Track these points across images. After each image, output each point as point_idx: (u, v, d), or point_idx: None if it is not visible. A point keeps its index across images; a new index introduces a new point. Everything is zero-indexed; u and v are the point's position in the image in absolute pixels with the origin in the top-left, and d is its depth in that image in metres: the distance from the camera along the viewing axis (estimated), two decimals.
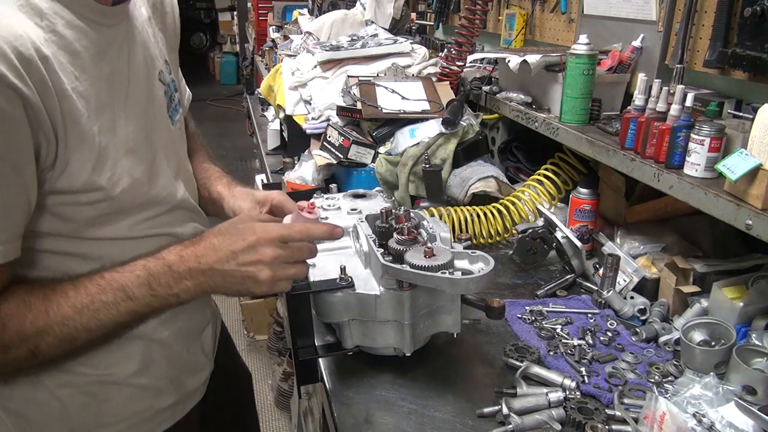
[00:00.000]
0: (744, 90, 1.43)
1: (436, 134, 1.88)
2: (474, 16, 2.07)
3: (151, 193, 0.99)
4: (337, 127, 2.00)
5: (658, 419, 0.97)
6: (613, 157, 1.42)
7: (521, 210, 1.72)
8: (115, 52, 0.92)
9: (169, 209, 1.04)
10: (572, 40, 1.96)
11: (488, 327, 1.35)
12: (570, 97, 1.59)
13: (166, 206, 1.03)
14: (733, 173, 1.09)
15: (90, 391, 0.99)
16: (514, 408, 1.06)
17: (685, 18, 1.49)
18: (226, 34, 11.10)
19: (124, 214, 0.95)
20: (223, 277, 0.90)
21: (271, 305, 3.49)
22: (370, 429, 1.04)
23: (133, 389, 1.03)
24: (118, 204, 0.93)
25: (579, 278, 1.55)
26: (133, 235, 0.98)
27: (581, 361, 1.21)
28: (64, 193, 0.86)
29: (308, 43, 2.66)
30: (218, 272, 0.90)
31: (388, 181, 1.88)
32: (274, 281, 0.91)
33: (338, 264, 1.15)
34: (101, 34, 0.89)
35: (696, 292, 1.33)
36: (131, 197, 0.95)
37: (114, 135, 0.91)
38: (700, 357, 1.16)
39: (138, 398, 1.05)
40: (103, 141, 0.88)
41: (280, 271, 0.91)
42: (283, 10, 4.62)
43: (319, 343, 1.22)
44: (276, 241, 0.91)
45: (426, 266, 1.05)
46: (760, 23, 1.25)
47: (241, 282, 0.91)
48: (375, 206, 1.36)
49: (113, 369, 1.00)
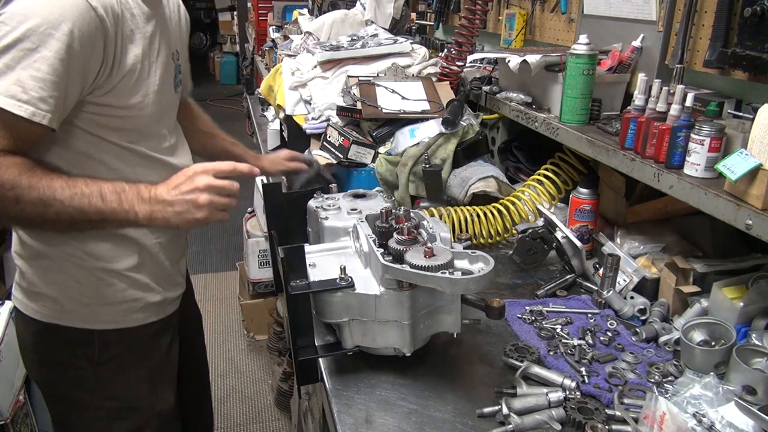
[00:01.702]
0: (744, 90, 1.43)
1: (436, 134, 1.88)
2: (474, 16, 2.07)
3: (159, 127, 1.34)
4: (337, 127, 2.00)
5: (658, 419, 0.97)
6: (613, 157, 1.42)
7: (521, 210, 1.72)
8: (154, 23, 1.29)
9: (169, 146, 1.38)
10: (572, 40, 1.96)
11: (488, 327, 1.35)
12: (570, 97, 1.59)
13: (168, 143, 1.38)
14: (733, 173, 1.09)
15: (98, 276, 1.30)
16: (514, 408, 1.06)
17: (685, 18, 1.49)
18: (226, 34, 11.10)
19: (144, 135, 1.30)
20: (171, 205, 1.14)
21: (271, 305, 3.49)
22: (370, 429, 1.05)
23: (130, 281, 1.34)
24: (140, 124, 1.27)
25: (579, 278, 1.55)
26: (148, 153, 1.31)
27: (581, 361, 1.21)
28: (106, 105, 1.20)
29: (308, 43, 2.66)
30: (167, 202, 1.14)
31: (388, 181, 1.88)
32: (211, 206, 1.14)
33: (338, 264, 1.15)
34: (149, 7, 1.28)
35: (696, 292, 1.33)
36: (148, 123, 1.30)
37: (149, 77, 1.26)
38: (700, 357, 1.16)
39: (133, 289, 1.35)
40: (141, 77, 1.24)
41: (216, 198, 1.14)
42: (283, 10, 4.62)
43: (319, 343, 1.22)
44: (209, 172, 1.15)
45: (426, 266, 1.05)
46: (760, 23, 1.25)
47: (185, 209, 1.14)
48: (375, 206, 1.36)
49: (114, 262, 1.31)
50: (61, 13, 1.07)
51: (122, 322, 1.35)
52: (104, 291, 1.32)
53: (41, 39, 1.05)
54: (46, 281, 1.30)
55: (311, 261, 1.22)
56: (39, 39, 1.05)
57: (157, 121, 1.33)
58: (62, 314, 1.31)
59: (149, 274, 1.37)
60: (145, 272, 1.36)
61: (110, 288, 1.32)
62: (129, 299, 1.35)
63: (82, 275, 1.29)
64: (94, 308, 1.32)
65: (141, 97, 1.25)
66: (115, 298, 1.33)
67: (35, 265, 1.30)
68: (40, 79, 1.06)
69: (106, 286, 1.32)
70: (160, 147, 1.35)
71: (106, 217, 1.13)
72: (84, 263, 1.29)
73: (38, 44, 1.05)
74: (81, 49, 1.09)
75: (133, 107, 1.24)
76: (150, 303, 1.39)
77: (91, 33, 1.10)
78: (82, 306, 1.31)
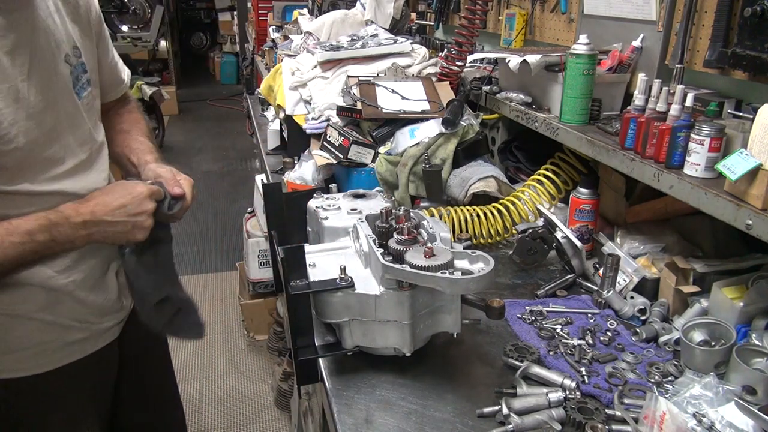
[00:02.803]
0: (744, 90, 1.43)
1: (436, 134, 1.88)
2: (474, 16, 2.07)
3: (48, 152, 1.16)
4: (337, 127, 2.00)
5: (658, 419, 0.97)
6: (613, 157, 1.42)
7: (521, 210, 1.72)
8: (14, 36, 1.07)
9: (69, 169, 1.20)
10: (572, 40, 1.96)
11: (488, 327, 1.35)
12: (570, 97, 1.59)
13: (65, 166, 1.19)
14: (733, 173, 1.09)
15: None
16: (514, 408, 1.06)
17: (685, 18, 1.49)
18: (226, 34, 11.09)
19: (24, 169, 1.12)
20: (114, 226, 1.12)
21: (271, 305, 3.50)
22: (370, 429, 1.05)
23: (38, 323, 1.20)
24: (15, 158, 1.09)
25: (579, 278, 1.55)
26: (35, 189, 1.13)
27: (581, 361, 1.21)
28: None
29: (308, 43, 2.66)
30: (109, 223, 1.12)
31: (388, 181, 1.88)
32: (150, 227, 1.16)
33: (338, 264, 1.15)
34: (3, 18, 1.05)
35: (696, 292, 1.33)
36: (27, 154, 1.11)
37: (15, 101, 1.07)
38: (700, 357, 1.16)
39: (44, 331, 1.22)
40: (1, 104, 1.04)
41: (153, 220, 1.16)
42: (283, 10, 4.62)
43: (319, 343, 1.22)
44: (153, 197, 1.17)
45: (426, 266, 1.05)
46: (760, 23, 1.25)
47: (127, 229, 1.13)
48: (375, 206, 1.36)
49: (16, 306, 1.17)
50: None
51: (34, 367, 1.23)
52: (6, 337, 1.18)
53: None
54: None
55: (311, 261, 1.22)
56: None
57: (45, 143, 1.15)
58: None
59: (65, 312, 1.24)
60: (59, 311, 1.23)
61: (14, 334, 1.19)
62: (38, 342, 1.22)
63: None
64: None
65: (6, 129, 1.06)
66: (19, 343, 1.20)
67: None
68: None
69: (7, 332, 1.18)
70: (53, 174, 1.17)
71: (47, 255, 1.09)
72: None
73: None
74: None
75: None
76: (69, 342, 1.27)
77: None
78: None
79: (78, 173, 1.22)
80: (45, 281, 1.19)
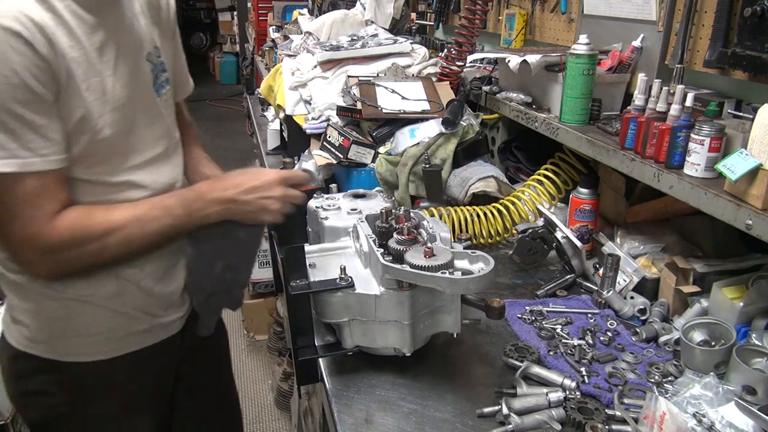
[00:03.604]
0: (744, 90, 1.43)
1: (436, 134, 1.88)
2: (474, 16, 2.07)
3: (128, 144, 1.21)
4: (337, 127, 2.00)
5: (658, 419, 0.97)
6: (613, 157, 1.42)
7: (521, 210, 1.72)
8: (103, 32, 1.14)
9: (144, 161, 1.24)
10: (572, 40, 1.96)
11: (488, 327, 1.35)
12: (570, 97, 1.59)
13: (141, 158, 1.24)
14: (733, 173, 1.09)
15: (70, 307, 1.21)
16: (514, 408, 1.06)
17: (685, 18, 1.49)
18: (226, 34, 11.09)
19: (105, 159, 1.17)
20: (244, 205, 1.19)
21: (271, 305, 3.50)
22: (370, 429, 1.05)
23: (106, 311, 1.24)
24: (99, 148, 1.14)
25: (579, 278, 1.55)
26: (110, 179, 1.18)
27: (581, 361, 1.21)
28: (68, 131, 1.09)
29: (308, 43, 2.66)
30: (240, 201, 1.19)
31: (388, 181, 1.88)
32: (280, 212, 1.22)
33: (338, 264, 1.15)
34: (94, 16, 1.12)
35: (696, 292, 1.33)
36: (110, 145, 1.16)
37: (103, 94, 1.13)
38: (700, 357, 1.16)
39: (111, 319, 1.26)
40: (90, 97, 1.11)
41: (284, 206, 1.22)
42: (283, 10, 4.62)
43: (319, 343, 1.22)
44: (284, 182, 1.23)
45: (426, 266, 1.05)
46: (760, 23, 1.25)
47: (256, 211, 1.21)
48: (375, 206, 1.36)
49: (88, 293, 1.21)
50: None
51: (97, 354, 1.27)
52: (76, 323, 1.24)
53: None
54: (20, 308, 1.24)
55: (311, 261, 1.22)
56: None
57: (127, 135, 1.21)
58: (34, 343, 1.25)
59: (132, 302, 1.27)
60: (125, 301, 1.26)
61: (82, 319, 1.24)
62: (104, 330, 1.26)
63: (52, 306, 1.21)
64: (65, 340, 1.24)
65: (95, 120, 1.13)
66: (87, 329, 1.25)
67: (12, 290, 1.24)
68: None
69: (77, 317, 1.23)
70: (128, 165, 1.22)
71: (183, 229, 1.19)
72: (54, 293, 1.20)
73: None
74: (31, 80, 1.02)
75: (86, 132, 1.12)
76: (133, 332, 1.30)
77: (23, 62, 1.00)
78: (51, 337, 1.24)
79: (152, 166, 1.27)
80: (116, 270, 1.23)
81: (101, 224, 1.11)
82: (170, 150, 1.33)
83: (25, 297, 1.22)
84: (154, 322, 1.33)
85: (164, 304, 1.34)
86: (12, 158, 1.02)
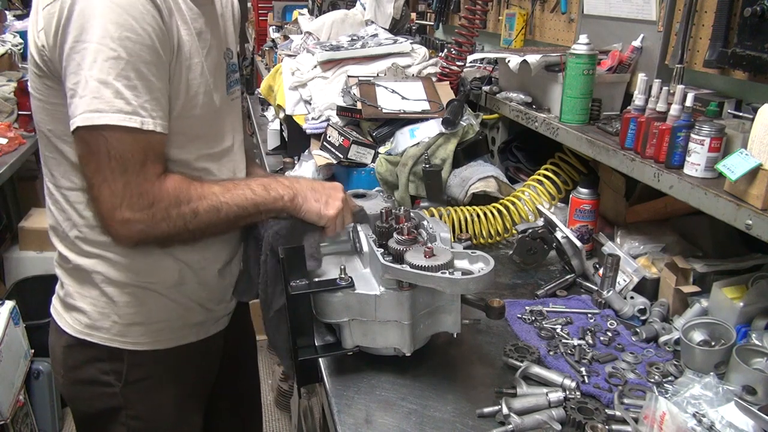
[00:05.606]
0: (744, 90, 1.43)
1: (436, 134, 1.88)
2: (474, 16, 2.07)
3: (209, 130, 1.28)
4: (337, 127, 2.00)
5: (658, 419, 0.97)
6: (613, 157, 1.42)
7: (521, 210, 1.72)
8: (203, 21, 1.24)
9: (217, 152, 1.31)
10: (572, 40, 1.96)
11: (488, 327, 1.35)
12: (570, 97, 1.59)
13: (215, 148, 1.31)
14: (733, 173, 1.09)
15: (133, 294, 1.26)
16: (514, 408, 1.06)
17: (685, 18, 1.49)
18: None
19: (191, 140, 1.23)
20: (313, 191, 1.25)
21: None
22: (370, 429, 1.04)
23: (166, 300, 1.28)
24: (191, 125, 1.21)
25: (579, 278, 1.55)
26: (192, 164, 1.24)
27: (581, 361, 1.21)
28: None
29: (308, 43, 2.66)
30: (310, 187, 1.26)
31: (388, 181, 1.88)
32: (335, 216, 1.25)
33: (338, 264, 1.15)
34: (197, 6, 1.22)
35: (696, 292, 1.33)
36: (198, 125, 1.23)
37: (200, 75, 1.21)
38: (700, 357, 1.16)
39: (170, 309, 1.30)
40: (191, 76, 1.19)
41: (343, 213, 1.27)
42: (283, 10, 4.63)
43: (319, 343, 1.22)
44: (345, 197, 1.29)
45: (426, 266, 1.05)
46: (760, 23, 1.25)
47: (321, 202, 1.24)
48: (375, 206, 1.36)
49: (153, 278, 1.26)
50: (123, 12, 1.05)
51: (155, 343, 1.30)
52: (138, 310, 1.26)
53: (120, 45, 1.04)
54: (80, 294, 1.26)
55: None
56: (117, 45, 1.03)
57: (209, 122, 1.27)
58: (93, 330, 1.26)
59: (190, 292, 1.31)
60: (185, 292, 1.30)
61: (144, 307, 1.27)
62: (164, 319, 1.30)
63: (115, 292, 1.25)
64: (126, 327, 1.26)
65: (192, 99, 1.20)
66: (149, 317, 1.28)
67: (73, 276, 1.27)
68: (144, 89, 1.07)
69: (139, 304, 1.26)
70: (206, 152, 1.28)
71: (261, 206, 1.22)
72: (118, 280, 1.24)
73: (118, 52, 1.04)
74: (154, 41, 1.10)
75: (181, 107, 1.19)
76: (189, 323, 1.34)
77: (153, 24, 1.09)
78: (113, 324, 1.26)
79: (223, 158, 1.33)
80: (179, 254, 1.27)
81: (197, 189, 1.16)
82: (236, 145, 1.39)
83: (88, 282, 1.25)
84: (207, 315, 1.37)
85: (218, 298, 1.39)
86: (134, 114, 1.06)
